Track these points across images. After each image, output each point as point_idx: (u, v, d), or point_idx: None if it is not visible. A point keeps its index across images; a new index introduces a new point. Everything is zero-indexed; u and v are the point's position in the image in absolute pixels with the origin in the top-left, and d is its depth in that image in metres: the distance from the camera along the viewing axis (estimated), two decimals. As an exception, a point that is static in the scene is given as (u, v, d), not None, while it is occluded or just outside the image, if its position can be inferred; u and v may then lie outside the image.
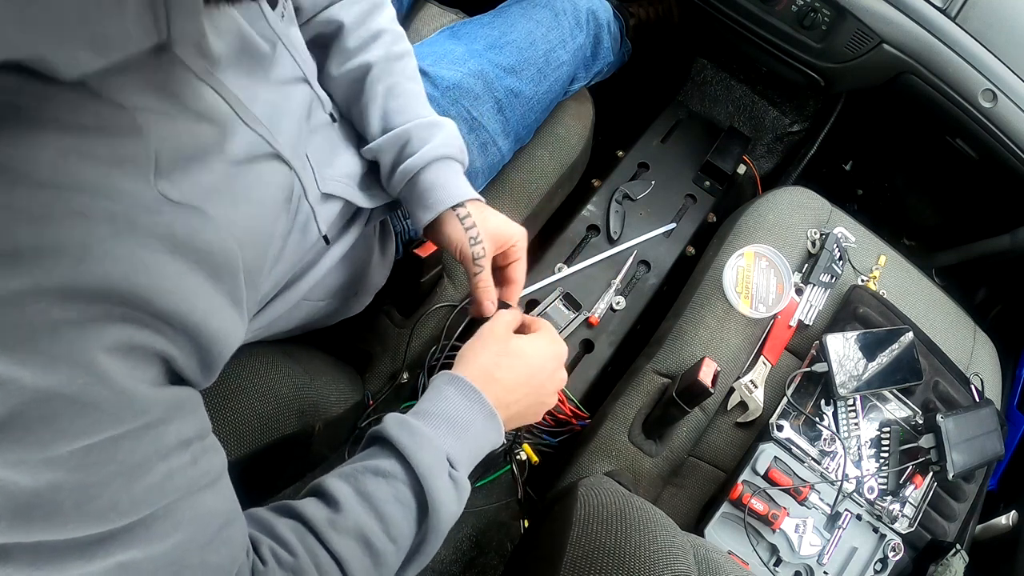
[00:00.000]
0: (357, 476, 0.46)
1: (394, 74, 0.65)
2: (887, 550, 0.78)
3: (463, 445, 0.50)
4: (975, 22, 0.91)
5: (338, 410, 0.73)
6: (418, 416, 0.50)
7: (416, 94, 0.66)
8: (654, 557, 0.54)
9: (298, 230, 0.54)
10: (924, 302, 0.97)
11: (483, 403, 0.52)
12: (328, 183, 0.57)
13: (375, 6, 0.66)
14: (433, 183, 0.62)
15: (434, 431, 0.49)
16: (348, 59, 0.64)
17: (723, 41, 1.19)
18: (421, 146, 0.63)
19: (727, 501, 0.76)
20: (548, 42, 0.88)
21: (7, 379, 0.26)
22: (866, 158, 1.40)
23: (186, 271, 0.33)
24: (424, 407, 0.51)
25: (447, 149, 0.63)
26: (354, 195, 0.62)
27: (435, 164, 0.62)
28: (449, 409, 0.51)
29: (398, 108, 0.64)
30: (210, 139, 0.37)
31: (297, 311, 0.63)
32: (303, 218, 0.54)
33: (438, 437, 0.48)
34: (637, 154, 1.15)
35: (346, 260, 0.65)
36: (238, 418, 0.59)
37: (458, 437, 0.50)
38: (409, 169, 0.62)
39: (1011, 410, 0.99)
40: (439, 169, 0.62)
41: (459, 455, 0.49)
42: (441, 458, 0.47)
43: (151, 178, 0.32)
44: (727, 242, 0.95)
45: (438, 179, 0.62)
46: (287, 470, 0.73)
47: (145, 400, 0.32)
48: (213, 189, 0.36)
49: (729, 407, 0.84)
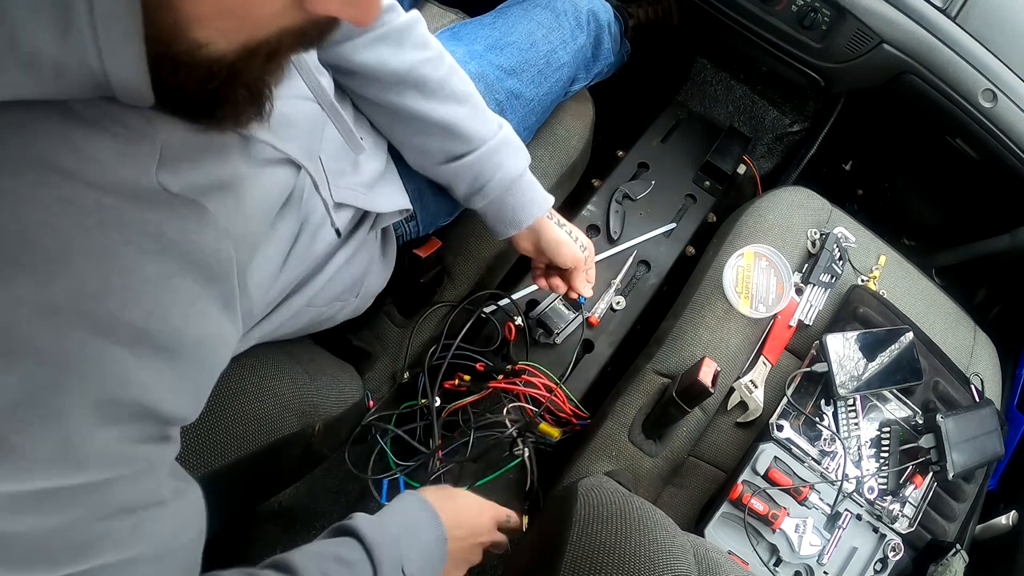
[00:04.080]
0: (323, 558, 0.48)
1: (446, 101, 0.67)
2: (887, 550, 0.78)
3: (418, 554, 0.55)
4: (975, 22, 0.91)
5: (338, 410, 0.73)
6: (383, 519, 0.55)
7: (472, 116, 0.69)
8: (654, 557, 0.54)
9: (307, 236, 0.54)
10: (924, 302, 0.97)
11: (438, 524, 0.58)
12: (342, 191, 0.57)
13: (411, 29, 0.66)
14: (515, 204, 0.72)
15: (394, 536, 0.53)
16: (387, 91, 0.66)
17: (723, 41, 1.19)
18: (494, 172, 0.69)
19: (727, 501, 0.76)
20: (549, 43, 0.88)
21: None
22: (866, 158, 1.40)
23: (172, 273, 0.31)
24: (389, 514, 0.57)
25: (518, 168, 0.71)
26: (368, 203, 0.62)
27: (513, 185, 0.71)
28: (409, 521, 0.57)
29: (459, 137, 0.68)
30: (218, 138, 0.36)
31: (301, 316, 0.64)
32: (314, 226, 0.55)
33: (397, 542, 0.53)
34: (637, 154, 1.15)
35: (349, 264, 0.66)
36: (238, 419, 0.59)
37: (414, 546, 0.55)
38: (488, 193, 0.70)
39: (1011, 410, 0.99)
40: (518, 189, 0.71)
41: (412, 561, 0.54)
42: (395, 561, 0.52)
43: (152, 170, 0.31)
44: (727, 242, 0.95)
45: (519, 199, 0.72)
46: (287, 471, 0.73)
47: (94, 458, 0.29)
48: (218, 185, 0.35)
49: (729, 407, 0.84)
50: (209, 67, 0.28)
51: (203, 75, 0.29)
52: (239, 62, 0.29)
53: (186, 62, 0.28)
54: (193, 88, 0.29)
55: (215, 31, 0.27)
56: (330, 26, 0.32)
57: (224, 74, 0.29)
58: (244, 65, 0.30)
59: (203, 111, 0.32)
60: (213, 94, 0.30)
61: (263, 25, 0.28)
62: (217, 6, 0.26)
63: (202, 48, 0.27)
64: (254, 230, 0.41)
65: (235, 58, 0.29)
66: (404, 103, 0.66)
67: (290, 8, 0.28)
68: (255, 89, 0.33)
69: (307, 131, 0.50)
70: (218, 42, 0.27)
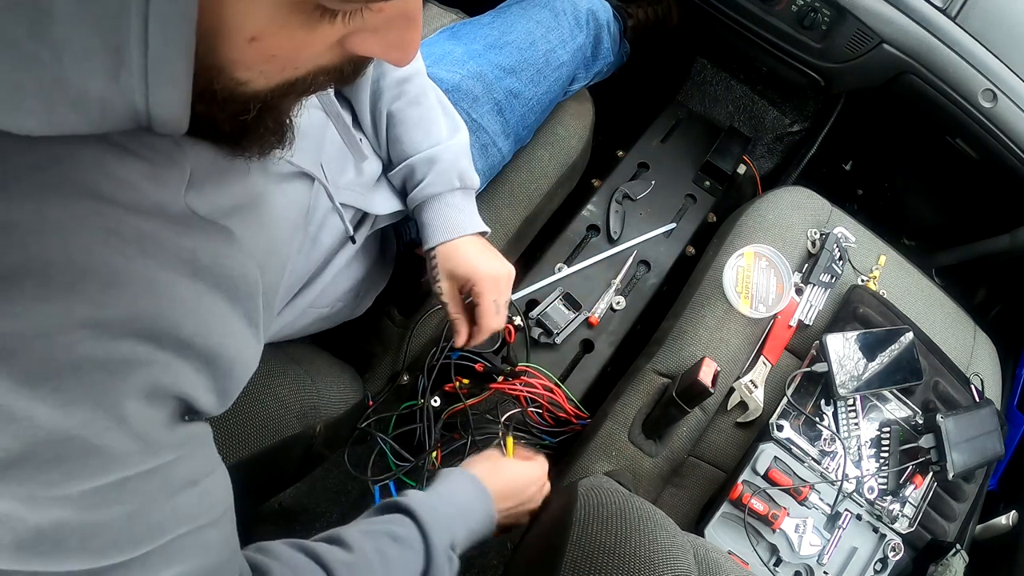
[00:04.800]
0: (377, 535, 0.49)
1: (401, 97, 0.67)
2: (887, 550, 0.78)
3: (466, 532, 0.56)
4: (975, 22, 0.91)
5: (339, 411, 0.73)
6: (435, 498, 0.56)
7: (417, 121, 0.68)
8: (654, 557, 0.54)
9: (309, 243, 0.55)
10: (924, 302, 0.97)
11: (488, 501, 0.59)
12: (343, 192, 0.58)
13: None
14: (423, 222, 0.68)
15: (447, 515, 0.54)
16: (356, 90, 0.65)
17: (723, 41, 1.19)
18: (415, 185, 0.67)
19: (727, 501, 0.76)
20: (548, 42, 0.88)
21: (23, 415, 0.25)
22: (866, 158, 1.40)
23: (204, 293, 0.32)
24: (440, 491, 0.58)
25: (435, 188, 0.67)
26: (367, 203, 0.62)
27: (426, 204, 0.68)
28: (460, 499, 0.58)
29: (400, 140, 0.67)
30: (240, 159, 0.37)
31: (303, 319, 0.64)
32: (314, 230, 0.55)
33: (449, 520, 0.54)
34: (637, 154, 1.15)
35: (350, 265, 0.66)
36: (240, 421, 0.59)
37: (464, 525, 0.56)
38: (410, 204, 0.68)
39: (1011, 410, 0.99)
40: (429, 209, 0.68)
41: (460, 540, 0.55)
42: (447, 539, 0.53)
43: (181, 193, 0.31)
44: (727, 242, 0.95)
45: (428, 218, 0.68)
46: (288, 472, 0.73)
47: (159, 443, 0.31)
48: (239, 206, 0.36)
49: (729, 407, 0.84)
50: (246, 102, 0.29)
51: (238, 109, 0.29)
52: (275, 98, 0.30)
53: (224, 97, 0.28)
54: (226, 120, 0.30)
55: (256, 72, 0.28)
56: (365, 64, 0.33)
57: (258, 109, 0.30)
58: (279, 101, 0.30)
59: (230, 140, 0.33)
60: (243, 125, 0.31)
61: (303, 65, 0.29)
62: (265, 52, 0.26)
63: (242, 85, 0.28)
64: (276, 249, 0.42)
65: (271, 94, 0.30)
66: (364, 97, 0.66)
67: (332, 48, 0.28)
68: (282, 121, 0.33)
69: (315, 140, 0.50)
70: (258, 80, 0.28)
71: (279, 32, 0.26)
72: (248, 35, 0.25)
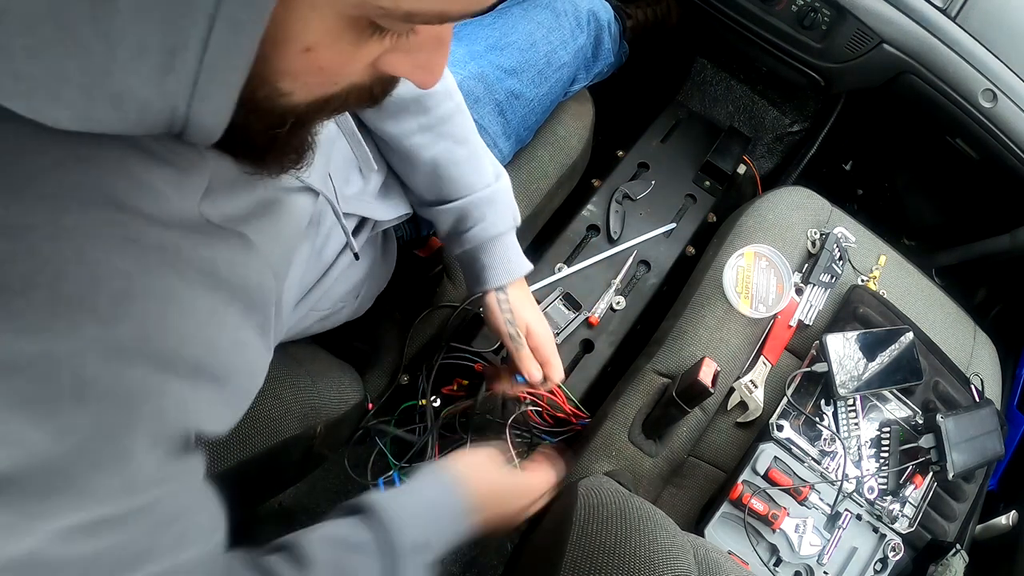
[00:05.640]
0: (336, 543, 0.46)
1: (443, 138, 0.65)
2: (887, 550, 0.78)
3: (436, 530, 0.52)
4: (975, 22, 0.91)
5: (339, 412, 0.73)
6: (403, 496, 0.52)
7: (467, 160, 0.67)
8: (654, 557, 0.54)
9: (315, 254, 0.55)
10: (924, 302, 0.97)
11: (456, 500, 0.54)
12: (349, 202, 0.58)
13: None
14: (485, 264, 0.68)
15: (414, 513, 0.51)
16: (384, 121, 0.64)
17: (723, 41, 1.19)
18: (475, 224, 0.67)
19: (727, 501, 0.76)
20: (549, 43, 0.88)
21: (16, 438, 0.24)
22: (866, 158, 1.40)
23: (219, 304, 0.32)
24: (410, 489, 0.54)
25: (498, 228, 0.68)
26: (372, 210, 0.62)
27: (486, 244, 0.68)
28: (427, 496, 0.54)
29: (450, 179, 0.66)
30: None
31: (304, 321, 0.64)
32: (320, 241, 0.55)
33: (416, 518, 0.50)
34: (637, 154, 1.15)
35: (352, 267, 0.66)
36: (240, 422, 0.59)
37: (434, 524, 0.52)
38: (464, 243, 0.68)
39: (1011, 410, 0.99)
40: (490, 249, 0.68)
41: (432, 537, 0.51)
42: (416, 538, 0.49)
43: (197, 200, 0.31)
44: (727, 242, 0.95)
45: (489, 259, 0.68)
46: (288, 472, 0.73)
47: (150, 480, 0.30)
48: (251, 214, 0.36)
49: (729, 407, 0.85)
50: (283, 114, 0.29)
51: (275, 121, 0.29)
52: (310, 112, 0.30)
53: (264, 108, 0.28)
54: (258, 131, 0.30)
55: (300, 84, 0.27)
56: (392, 85, 0.33)
57: (292, 122, 0.30)
58: (312, 116, 0.30)
59: (256, 154, 0.32)
60: (274, 139, 0.30)
61: (342, 80, 0.29)
62: (314, 64, 0.26)
63: (283, 96, 0.28)
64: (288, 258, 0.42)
65: (307, 108, 0.29)
66: (399, 132, 0.64)
67: (368, 66, 0.29)
68: (306, 139, 0.33)
69: (324, 152, 0.50)
70: (299, 92, 0.28)
71: (332, 45, 0.26)
72: (304, 46, 0.25)
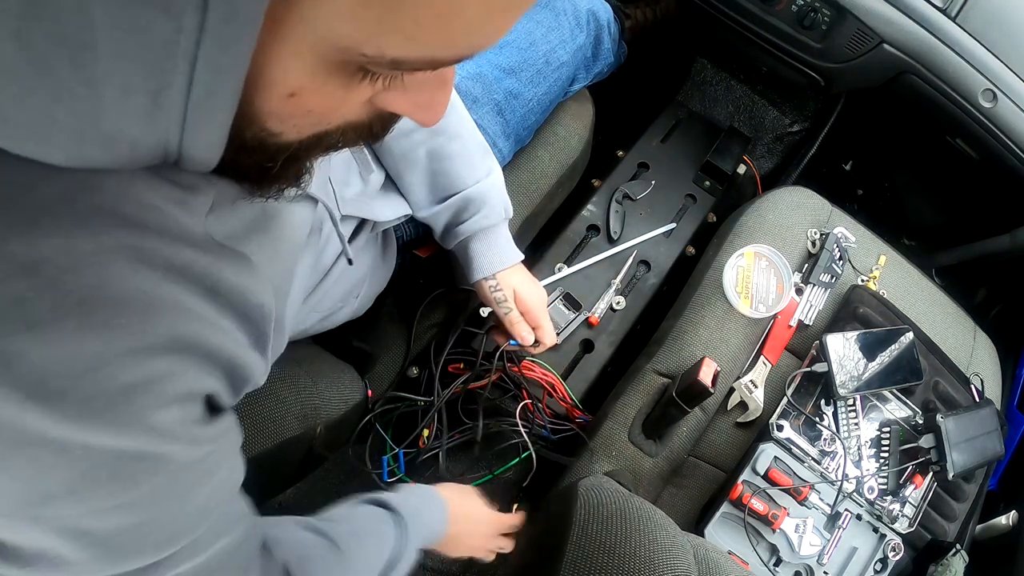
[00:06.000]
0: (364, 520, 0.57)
1: (436, 134, 0.68)
2: (887, 550, 0.78)
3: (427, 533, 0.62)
4: (975, 22, 0.91)
5: (339, 412, 0.73)
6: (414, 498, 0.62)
7: (459, 154, 0.70)
8: (654, 557, 0.54)
9: (314, 257, 0.55)
10: (924, 302, 0.97)
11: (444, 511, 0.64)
12: (348, 204, 0.58)
13: None
14: (475, 252, 0.74)
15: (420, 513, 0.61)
16: None
17: (723, 41, 1.19)
18: (468, 217, 0.71)
19: (727, 501, 0.76)
20: (548, 42, 0.88)
21: (78, 445, 0.27)
22: (866, 158, 1.40)
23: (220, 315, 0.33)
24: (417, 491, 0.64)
25: (489, 220, 0.72)
26: (372, 211, 0.62)
27: (476, 235, 0.73)
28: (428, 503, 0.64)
29: (443, 173, 0.70)
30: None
31: (304, 322, 0.64)
32: (321, 244, 0.55)
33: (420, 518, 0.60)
34: (637, 154, 1.14)
35: (351, 269, 0.66)
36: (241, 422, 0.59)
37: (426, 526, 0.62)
38: (458, 235, 0.73)
39: (1011, 410, 0.99)
40: (480, 240, 0.74)
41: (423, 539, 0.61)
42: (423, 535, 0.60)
43: (203, 217, 0.32)
44: (727, 242, 0.95)
45: (480, 249, 0.74)
46: (288, 473, 0.73)
47: (198, 440, 0.33)
48: (252, 230, 0.36)
49: (729, 407, 0.85)
50: (274, 153, 0.29)
51: (265, 158, 0.29)
52: (302, 150, 0.30)
53: (253, 146, 0.28)
54: (251, 166, 0.30)
55: (290, 125, 0.28)
56: (393, 121, 0.33)
57: (284, 159, 0.30)
58: (305, 153, 0.31)
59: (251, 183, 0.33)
60: (267, 172, 0.31)
61: (334, 120, 0.29)
62: (302, 107, 0.26)
63: (273, 136, 0.28)
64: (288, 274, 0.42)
65: (299, 146, 0.30)
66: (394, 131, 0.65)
67: (363, 104, 0.29)
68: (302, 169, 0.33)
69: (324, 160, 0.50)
70: (289, 133, 0.28)
71: (319, 89, 0.25)
72: (288, 90, 0.25)
